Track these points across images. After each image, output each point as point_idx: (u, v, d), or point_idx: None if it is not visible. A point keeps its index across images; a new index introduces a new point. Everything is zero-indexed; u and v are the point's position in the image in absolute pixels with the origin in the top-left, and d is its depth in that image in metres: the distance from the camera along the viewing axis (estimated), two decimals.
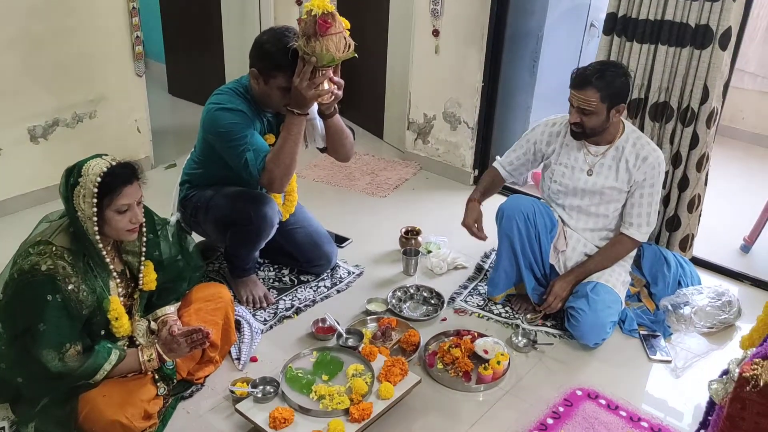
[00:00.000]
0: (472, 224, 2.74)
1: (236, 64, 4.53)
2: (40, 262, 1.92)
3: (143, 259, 2.16)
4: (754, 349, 1.18)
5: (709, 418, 1.32)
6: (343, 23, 2.28)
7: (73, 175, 1.95)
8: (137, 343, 2.17)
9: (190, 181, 2.75)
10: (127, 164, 2.00)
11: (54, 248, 1.95)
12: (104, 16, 3.47)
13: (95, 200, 1.92)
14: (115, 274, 2.10)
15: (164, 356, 2.11)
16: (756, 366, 1.11)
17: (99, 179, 1.91)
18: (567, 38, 3.88)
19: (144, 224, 2.12)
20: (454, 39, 3.76)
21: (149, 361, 2.10)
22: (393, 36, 4.22)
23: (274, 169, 2.39)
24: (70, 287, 1.94)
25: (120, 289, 2.13)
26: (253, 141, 2.42)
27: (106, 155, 2.00)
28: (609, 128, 2.57)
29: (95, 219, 1.94)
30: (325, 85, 2.34)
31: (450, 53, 3.81)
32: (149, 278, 2.19)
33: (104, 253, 2.02)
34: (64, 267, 1.94)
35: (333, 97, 2.42)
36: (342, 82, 2.44)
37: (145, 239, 2.16)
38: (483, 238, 2.75)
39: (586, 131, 2.55)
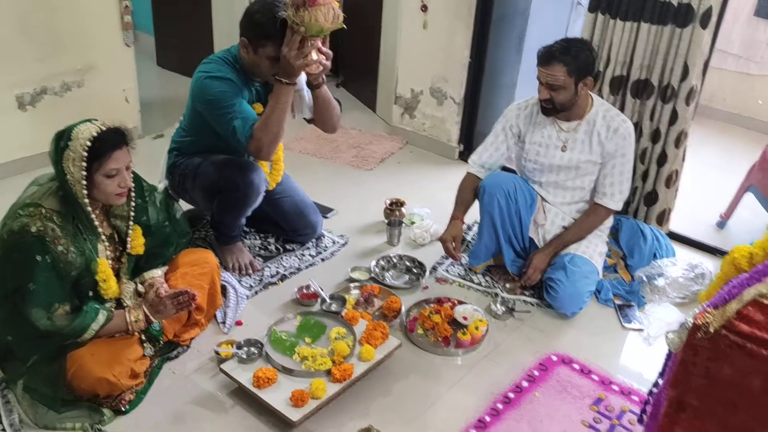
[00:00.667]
0: (449, 240, 2.74)
1: (225, 37, 4.53)
2: (30, 224, 1.96)
3: (131, 223, 2.21)
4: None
5: (667, 368, 1.40)
6: None
7: (63, 138, 1.98)
8: (124, 305, 2.22)
9: (179, 148, 2.78)
10: (116, 129, 2.03)
11: (44, 210, 1.99)
12: None
13: (84, 164, 1.96)
14: (103, 237, 2.14)
15: (151, 317, 2.17)
16: (708, 314, 1.19)
17: (89, 143, 1.95)
18: (553, 16, 3.92)
19: (133, 189, 2.17)
20: (443, 15, 3.79)
21: (136, 322, 2.15)
22: (387, 10, 4.25)
23: (261, 137, 2.44)
24: (59, 248, 1.99)
25: (108, 253, 2.18)
26: (241, 109, 2.46)
27: (96, 120, 2.03)
28: (578, 102, 2.63)
29: (84, 183, 1.98)
30: (314, 55, 2.38)
31: (438, 29, 3.84)
32: (137, 242, 2.24)
33: (93, 216, 2.06)
34: (54, 229, 1.99)
35: (321, 67, 2.46)
36: (330, 53, 2.47)
37: (133, 204, 2.20)
38: (457, 258, 2.78)
39: (557, 106, 2.60)
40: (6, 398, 2.10)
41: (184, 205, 2.93)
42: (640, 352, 2.57)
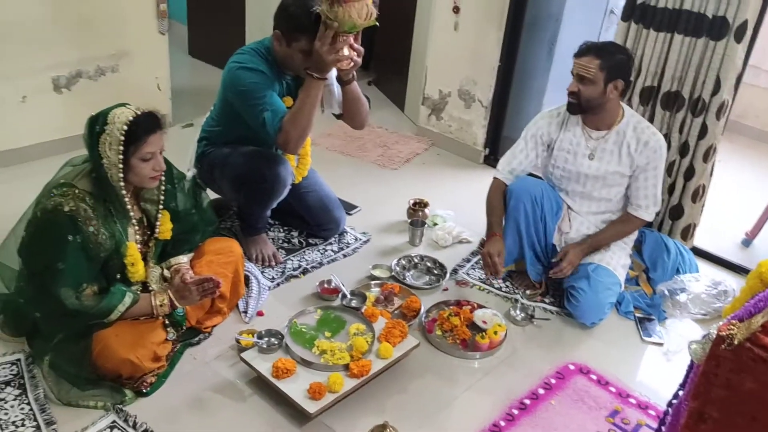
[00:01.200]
0: (495, 254, 2.65)
1: (257, 30, 4.57)
2: (63, 203, 2.00)
3: (161, 207, 2.24)
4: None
5: (688, 379, 1.40)
6: None
7: (98, 123, 2.02)
8: (150, 288, 2.26)
9: (208, 138, 2.82)
10: (151, 113, 2.07)
11: (77, 191, 2.03)
12: None
13: (121, 148, 1.99)
14: (134, 221, 2.18)
15: (175, 302, 2.20)
16: (732, 326, 1.19)
17: (125, 127, 1.99)
18: (586, 23, 3.90)
19: (163, 175, 2.20)
20: (474, 17, 3.79)
21: (161, 306, 2.18)
22: (420, 10, 4.26)
23: (290, 130, 2.46)
24: (90, 229, 2.03)
25: (137, 237, 2.21)
26: (271, 101, 2.48)
27: (129, 104, 2.07)
28: (607, 108, 2.61)
29: (120, 166, 2.02)
30: (345, 51, 2.41)
31: (469, 31, 3.84)
32: (165, 227, 2.28)
33: (126, 199, 2.10)
34: (86, 209, 2.03)
35: (352, 63, 2.48)
36: (362, 49, 2.49)
37: (163, 189, 2.23)
38: (499, 273, 2.68)
39: (582, 102, 2.59)
40: (32, 373, 2.15)
41: (211, 194, 2.97)
42: (659, 367, 2.55)
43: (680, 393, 1.48)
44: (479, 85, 3.91)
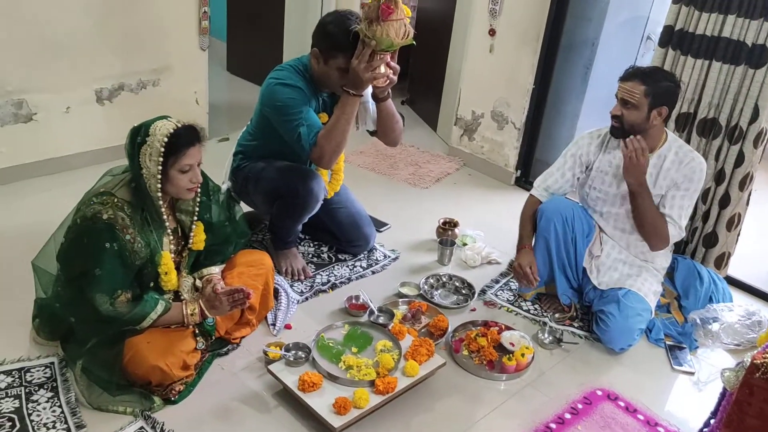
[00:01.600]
0: (527, 265, 2.68)
1: (294, 49, 4.66)
2: (102, 211, 2.05)
3: (195, 218, 2.29)
4: None
5: (720, 407, 1.38)
6: (405, 11, 2.38)
7: (140, 134, 2.08)
8: (182, 297, 2.30)
9: (244, 152, 2.87)
10: (191, 126, 2.12)
11: (116, 199, 2.09)
12: None
13: (161, 159, 2.05)
14: (169, 231, 2.23)
15: (206, 312, 2.24)
16: (767, 355, 1.17)
17: (166, 139, 2.04)
18: (622, 48, 3.89)
19: (199, 187, 2.25)
20: (510, 40, 3.82)
21: (192, 315, 2.22)
22: (456, 33, 4.30)
23: (325, 145, 2.50)
24: (127, 237, 2.08)
25: (171, 246, 2.26)
26: (307, 117, 2.53)
27: (170, 117, 2.12)
28: (650, 133, 2.59)
29: (159, 177, 2.07)
30: (382, 69, 2.45)
31: (504, 53, 3.86)
32: (199, 238, 2.32)
33: (163, 209, 2.15)
34: (123, 218, 2.08)
35: (388, 81, 2.52)
36: (398, 67, 2.53)
37: (198, 200, 2.28)
38: (534, 282, 2.69)
39: (625, 126, 2.57)
40: (65, 377, 2.20)
41: (244, 207, 3.02)
42: (689, 397, 2.51)
43: (711, 421, 1.46)
44: (512, 107, 3.92)
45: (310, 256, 3.06)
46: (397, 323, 2.54)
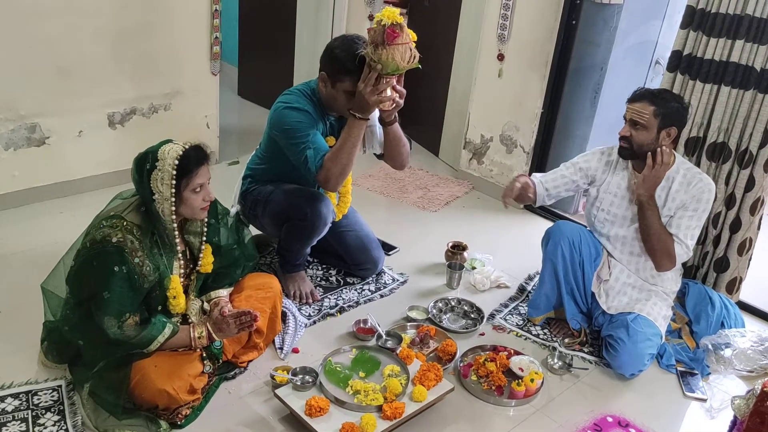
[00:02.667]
0: (517, 181, 2.77)
1: (305, 73, 4.70)
2: (112, 234, 2.07)
3: (203, 240, 2.30)
4: None
5: None
6: (410, 35, 2.41)
7: (148, 160, 2.09)
8: (189, 320, 2.30)
9: (253, 175, 2.89)
10: (198, 147, 2.16)
11: (125, 223, 2.10)
12: (188, 16, 3.70)
13: (174, 182, 2.07)
14: (179, 255, 2.24)
15: (213, 335, 2.23)
16: None
17: (177, 162, 2.06)
18: (631, 73, 3.90)
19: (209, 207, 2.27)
20: (518, 64, 3.84)
21: (199, 338, 2.22)
22: (458, 58, 4.33)
23: (331, 167, 2.52)
24: (135, 260, 2.09)
25: (181, 270, 2.27)
26: (314, 140, 2.55)
27: (174, 140, 2.15)
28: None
29: (173, 200, 2.09)
30: (388, 92, 2.48)
31: (513, 78, 3.88)
32: (207, 261, 2.33)
33: (176, 232, 2.17)
34: (132, 241, 2.09)
35: (394, 104, 2.55)
36: (404, 91, 2.55)
37: (207, 222, 2.29)
38: (508, 193, 2.76)
39: (633, 147, 2.57)
40: (72, 400, 2.20)
41: (253, 231, 3.04)
42: (701, 424, 2.47)
43: None
44: (521, 131, 3.93)
45: (319, 279, 3.06)
46: (405, 348, 2.52)
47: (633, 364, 2.58)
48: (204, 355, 2.28)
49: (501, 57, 3.89)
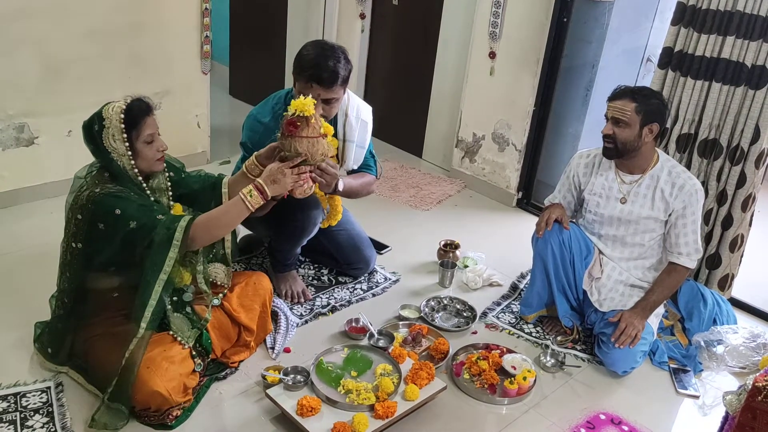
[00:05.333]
0: (552, 212, 2.71)
1: None
2: (94, 189, 2.09)
3: (170, 196, 2.29)
4: None
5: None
6: (323, 130, 2.24)
7: (95, 122, 2.11)
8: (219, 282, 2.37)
9: None
10: (140, 99, 2.16)
11: (97, 181, 2.12)
12: (178, 15, 3.68)
13: (125, 135, 2.08)
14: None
15: (266, 190, 2.16)
16: None
17: (123, 116, 2.07)
18: (622, 70, 3.90)
19: (166, 170, 2.27)
20: (510, 62, 3.83)
21: (251, 196, 2.14)
22: (441, 58, 4.32)
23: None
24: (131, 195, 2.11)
25: None
26: (240, 164, 2.53)
27: (116, 99, 2.15)
28: (642, 152, 2.59)
29: (129, 153, 2.10)
30: (290, 180, 2.23)
31: (504, 76, 3.88)
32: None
33: (144, 185, 2.17)
34: (116, 186, 2.11)
35: (308, 193, 2.33)
36: (335, 174, 2.48)
37: (168, 177, 2.30)
38: (542, 226, 2.69)
39: (618, 145, 2.57)
40: (60, 402, 2.18)
41: (243, 231, 3.02)
42: (694, 421, 2.47)
43: None
44: (513, 129, 3.92)
45: (310, 278, 3.04)
46: (398, 346, 2.51)
47: (624, 361, 2.58)
48: (194, 353, 2.25)
49: (492, 55, 3.88)
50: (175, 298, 2.25)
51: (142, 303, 2.08)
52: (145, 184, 2.19)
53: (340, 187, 2.58)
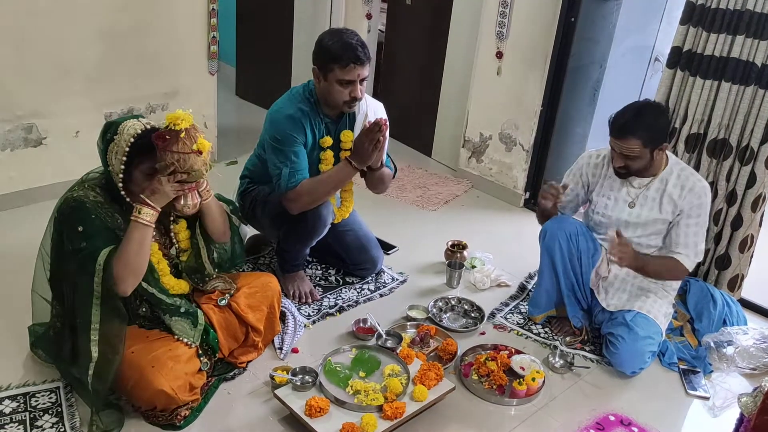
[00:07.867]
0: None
1: (303, 73, 4.68)
2: (73, 193, 2.10)
3: (171, 219, 2.28)
4: None
5: None
6: (199, 146, 2.03)
7: (110, 130, 2.08)
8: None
9: (250, 176, 2.87)
10: (161, 134, 2.03)
11: (86, 185, 2.14)
12: (186, 15, 3.68)
13: (124, 158, 2.04)
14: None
15: (149, 201, 2.06)
16: None
17: (132, 140, 2.03)
18: (630, 70, 3.90)
19: None
20: (517, 62, 3.82)
21: (140, 213, 2.05)
22: (451, 57, 4.31)
23: (304, 195, 2.56)
24: (103, 211, 2.10)
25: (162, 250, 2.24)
26: (294, 158, 2.56)
27: (143, 117, 2.12)
28: (653, 163, 2.59)
29: (121, 175, 2.06)
30: (188, 199, 2.15)
31: (511, 76, 3.87)
32: (183, 236, 2.31)
33: (135, 204, 2.09)
34: (95, 196, 2.10)
35: (193, 210, 2.20)
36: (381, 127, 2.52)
37: None
38: (554, 192, 2.66)
39: (631, 171, 2.58)
40: (70, 402, 2.18)
41: (251, 231, 3.02)
42: (704, 422, 2.46)
43: None
44: (521, 129, 3.91)
45: (318, 279, 3.04)
46: (406, 347, 2.51)
47: (633, 362, 2.56)
48: (200, 351, 2.24)
49: (500, 55, 3.87)
50: (171, 305, 2.22)
51: (86, 327, 2.03)
52: (135, 204, 2.09)
53: (383, 163, 2.68)
